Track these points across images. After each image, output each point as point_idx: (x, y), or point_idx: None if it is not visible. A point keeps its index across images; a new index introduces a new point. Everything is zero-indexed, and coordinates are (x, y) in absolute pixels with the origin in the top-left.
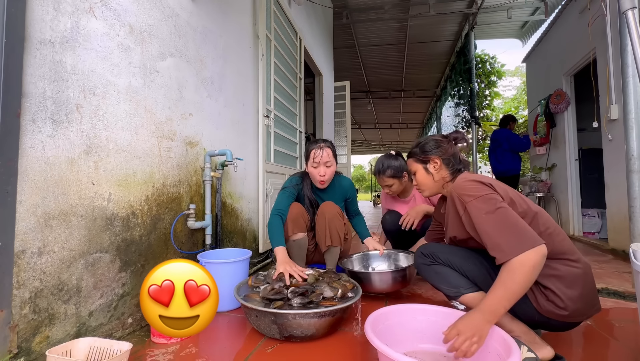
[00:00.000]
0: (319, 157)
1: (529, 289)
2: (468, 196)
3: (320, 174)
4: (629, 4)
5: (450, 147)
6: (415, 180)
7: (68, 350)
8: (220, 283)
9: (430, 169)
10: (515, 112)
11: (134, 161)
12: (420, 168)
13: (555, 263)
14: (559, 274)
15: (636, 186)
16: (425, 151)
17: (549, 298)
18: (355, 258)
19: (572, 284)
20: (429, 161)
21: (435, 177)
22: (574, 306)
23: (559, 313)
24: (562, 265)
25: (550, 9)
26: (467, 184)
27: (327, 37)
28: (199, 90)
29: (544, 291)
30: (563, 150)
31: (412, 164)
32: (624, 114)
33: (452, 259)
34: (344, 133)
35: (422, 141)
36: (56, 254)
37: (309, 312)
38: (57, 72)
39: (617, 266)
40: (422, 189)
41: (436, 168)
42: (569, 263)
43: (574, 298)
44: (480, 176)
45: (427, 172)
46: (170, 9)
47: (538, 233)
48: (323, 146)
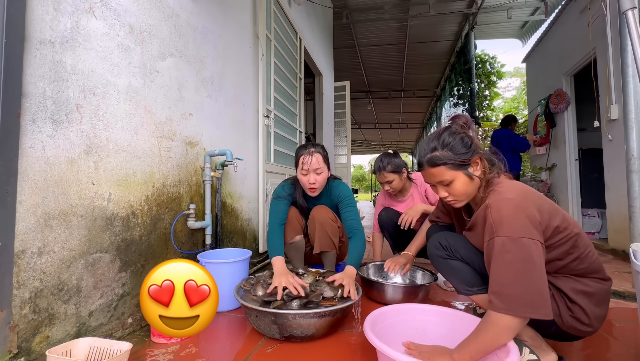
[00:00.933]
0: (308, 164)
1: (552, 299)
2: (502, 230)
3: (310, 182)
4: (629, 4)
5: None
6: (450, 191)
7: (68, 350)
8: (220, 283)
9: (475, 174)
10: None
11: (134, 161)
12: (459, 175)
13: (588, 280)
14: (590, 291)
15: (636, 186)
16: (460, 152)
17: (575, 314)
18: (372, 266)
19: (601, 302)
20: (471, 164)
21: (483, 181)
22: (598, 324)
23: (582, 330)
24: (594, 283)
25: (550, 9)
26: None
27: (327, 37)
28: (199, 90)
29: (570, 306)
30: (563, 150)
31: (444, 173)
32: (624, 114)
33: (472, 257)
34: (344, 133)
35: (443, 140)
36: (56, 254)
37: (309, 312)
38: (57, 72)
39: (617, 266)
40: (460, 199)
41: (482, 170)
42: (601, 281)
43: (599, 317)
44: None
45: (471, 178)
46: (170, 8)
47: (579, 255)
48: (312, 152)
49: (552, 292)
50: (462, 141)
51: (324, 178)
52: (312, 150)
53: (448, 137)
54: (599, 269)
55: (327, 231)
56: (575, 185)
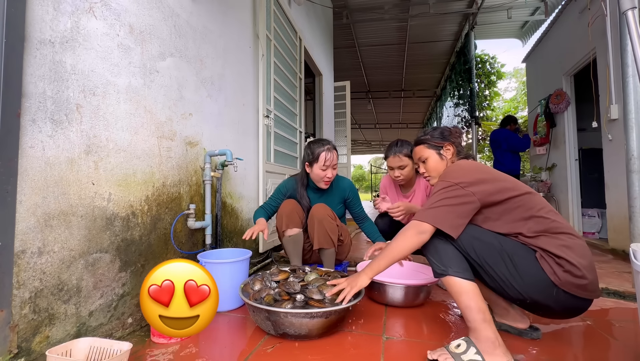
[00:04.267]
0: (330, 161)
1: (542, 259)
2: (444, 176)
3: (328, 176)
4: (629, 4)
5: (459, 137)
6: (425, 167)
7: (68, 350)
8: (220, 283)
9: (444, 155)
10: (514, 112)
11: (134, 161)
12: (433, 154)
13: (562, 236)
14: (568, 245)
15: (636, 186)
16: (439, 137)
17: (566, 268)
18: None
19: (582, 254)
20: (443, 147)
21: (448, 163)
22: (590, 275)
23: (579, 283)
24: (569, 238)
25: (550, 9)
26: (455, 169)
27: (327, 37)
28: (199, 90)
29: (558, 261)
30: (563, 150)
31: (422, 151)
32: (624, 114)
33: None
34: (344, 133)
35: (431, 129)
36: (56, 254)
37: (300, 312)
38: (57, 72)
39: (617, 266)
40: (433, 175)
41: (450, 154)
42: (572, 237)
43: (587, 267)
44: (477, 164)
45: (441, 157)
46: (170, 8)
47: (533, 213)
48: (331, 149)
49: (540, 253)
50: (441, 132)
51: (336, 173)
52: (330, 147)
53: (432, 129)
54: (565, 226)
55: (325, 229)
56: (575, 185)
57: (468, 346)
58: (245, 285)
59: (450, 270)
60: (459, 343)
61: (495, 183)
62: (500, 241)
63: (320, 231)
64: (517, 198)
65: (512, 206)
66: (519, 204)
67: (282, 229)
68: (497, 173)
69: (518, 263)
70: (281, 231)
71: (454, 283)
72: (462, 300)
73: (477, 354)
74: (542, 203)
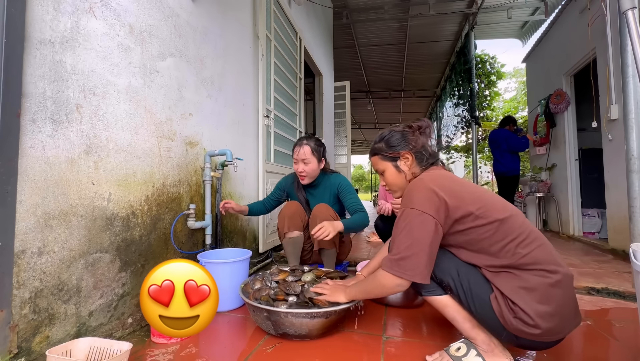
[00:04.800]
0: (297, 154)
1: (495, 301)
2: (405, 202)
3: (298, 171)
4: (629, 4)
5: (418, 138)
6: (385, 180)
7: (68, 350)
8: (220, 283)
9: (402, 167)
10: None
11: (134, 161)
12: (389, 166)
13: (527, 273)
14: (529, 287)
15: (636, 186)
16: (392, 146)
17: (517, 315)
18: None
19: (546, 298)
20: (400, 157)
21: (407, 175)
22: (546, 324)
23: (530, 332)
24: (534, 276)
25: (550, 9)
26: (420, 192)
27: (327, 37)
28: (199, 90)
29: (512, 307)
30: (563, 150)
31: (378, 163)
32: (624, 114)
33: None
34: (344, 133)
35: (385, 134)
36: (56, 254)
37: (301, 312)
38: (57, 72)
39: (617, 266)
40: (393, 190)
41: (408, 164)
42: (543, 273)
43: (545, 316)
44: (443, 183)
45: (399, 170)
46: (170, 9)
47: (501, 246)
48: (302, 144)
49: (495, 293)
50: (397, 137)
51: (312, 168)
52: (304, 142)
53: (387, 133)
54: (540, 260)
55: None
56: (575, 185)
57: (468, 349)
58: (246, 285)
59: (423, 291)
60: (459, 346)
61: (460, 208)
62: (459, 271)
63: None
64: (483, 228)
65: (476, 237)
66: (485, 235)
67: (283, 231)
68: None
69: (474, 296)
70: (282, 232)
71: (433, 301)
72: (446, 313)
73: (478, 356)
74: (516, 230)
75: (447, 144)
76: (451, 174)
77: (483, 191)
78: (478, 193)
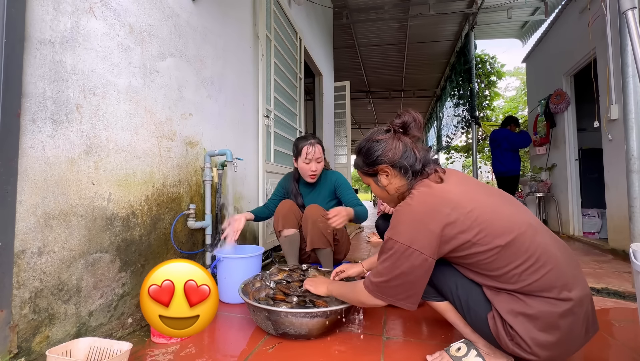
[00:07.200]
0: (312, 154)
1: (492, 320)
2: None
3: (312, 170)
4: (629, 4)
5: (397, 144)
6: (374, 192)
7: (68, 350)
8: (234, 277)
9: (382, 182)
10: (514, 112)
11: (134, 161)
12: (371, 182)
13: (532, 299)
14: (531, 314)
15: (636, 186)
16: (369, 161)
17: (514, 339)
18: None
19: (549, 327)
20: (377, 173)
21: (389, 190)
22: (545, 353)
23: (527, 358)
24: (540, 303)
25: (550, 9)
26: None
27: (327, 37)
28: (199, 90)
29: (509, 331)
30: (563, 150)
31: (362, 177)
32: (624, 114)
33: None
34: (344, 133)
35: (362, 145)
36: (56, 254)
37: (301, 311)
38: (57, 72)
39: (617, 266)
40: (386, 202)
41: (388, 179)
42: (551, 301)
43: (547, 345)
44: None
45: (379, 186)
46: (170, 9)
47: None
48: (314, 143)
49: (493, 313)
50: (373, 148)
51: (322, 166)
52: (314, 141)
53: (364, 143)
54: (550, 287)
55: (319, 228)
56: (575, 185)
57: (469, 349)
58: (246, 285)
59: (423, 295)
60: (459, 347)
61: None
62: (458, 285)
63: (313, 231)
64: (483, 255)
65: (475, 261)
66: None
67: (278, 229)
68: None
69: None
70: (277, 231)
71: (434, 305)
72: (448, 317)
73: (479, 356)
74: (522, 255)
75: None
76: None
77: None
78: (479, 209)
